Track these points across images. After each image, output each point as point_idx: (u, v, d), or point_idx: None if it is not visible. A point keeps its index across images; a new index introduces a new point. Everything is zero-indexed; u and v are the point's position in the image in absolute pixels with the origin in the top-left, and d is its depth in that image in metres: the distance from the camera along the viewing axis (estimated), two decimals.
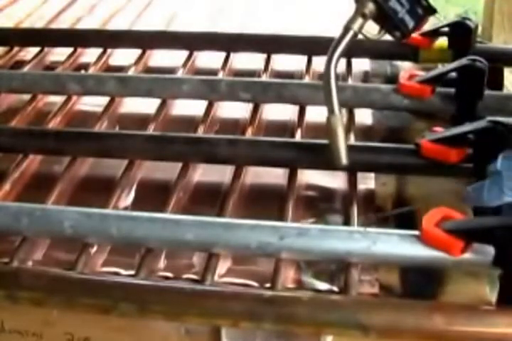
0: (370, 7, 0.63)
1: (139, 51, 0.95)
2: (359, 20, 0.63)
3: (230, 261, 0.63)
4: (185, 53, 0.94)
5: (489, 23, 1.61)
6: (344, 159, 0.63)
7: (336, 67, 0.63)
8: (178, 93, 0.83)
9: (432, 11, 0.65)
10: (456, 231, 0.54)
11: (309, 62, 0.91)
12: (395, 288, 0.60)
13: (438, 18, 0.69)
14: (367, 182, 0.72)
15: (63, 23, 1.10)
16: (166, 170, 0.73)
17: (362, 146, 0.71)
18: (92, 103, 0.87)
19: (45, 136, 0.74)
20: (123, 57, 0.96)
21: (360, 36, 0.64)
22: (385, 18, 0.64)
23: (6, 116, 0.83)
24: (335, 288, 0.59)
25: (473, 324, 0.52)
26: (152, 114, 0.81)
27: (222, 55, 0.94)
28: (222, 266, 0.62)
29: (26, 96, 0.87)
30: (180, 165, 0.72)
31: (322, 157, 0.69)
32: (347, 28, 0.63)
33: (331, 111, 0.63)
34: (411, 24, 0.64)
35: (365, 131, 0.81)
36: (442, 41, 0.85)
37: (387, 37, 0.66)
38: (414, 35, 0.85)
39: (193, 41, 0.95)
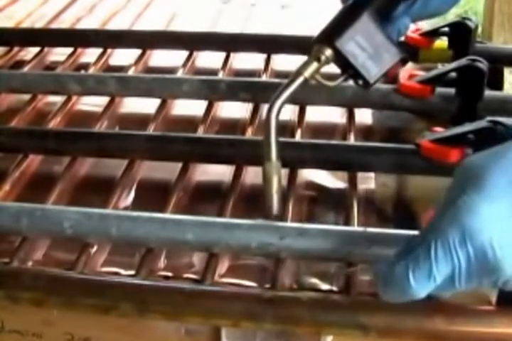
0: (326, 51, 0.58)
1: (139, 51, 0.95)
2: (312, 66, 0.58)
3: (230, 261, 0.63)
4: (185, 53, 0.94)
5: (489, 23, 1.61)
6: (275, 210, 0.58)
7: (279, 111, 0.58)
8: (178, 93, 0.83)
9: (401, 55, 0.59)
10: None
11: None
12: None
13: (438, 18, 0.68)
14: (367, 182, 0.72)
15: (63, 23, 1.10)
16: (166, 170, 0.73)
17: (362, 146, 0.71)
18: (92, 103, 0.87)
19: (45, 136, 0.74)
20: (123, 57, 0.96)
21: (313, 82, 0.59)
22: (344, 63, 0.58)
23: (6, 116, 0.83)
24: (335, 288, 0.59)
25: (473, 324, 0.52)
26: (152, 114, 0.81)
27: (222, 55, 0.94)
28: (222, 265, 0.62)
29: (26, 96, 0.87)
30: (180, 165, 0.72)
31: (322, 157, 0.69)
32: (297, 73, 0.58)
33: (267, 158, 0.58)
34: (374, 71, 0.58)
35: (365, 131, 0.81)
36: (442, 41, 0.85)
37: None
38: (414, 35, 0.85)
39: (193, 41, 0.95)
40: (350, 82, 0.64)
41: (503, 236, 0.40)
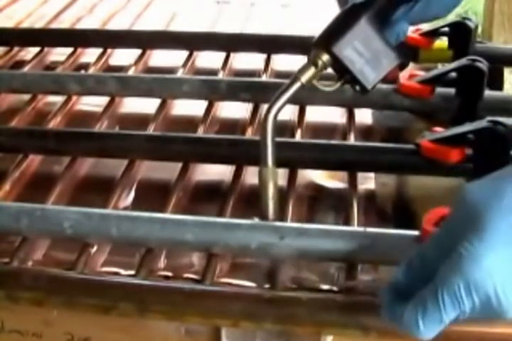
0: (324, 57, 0.58)
1: (139, 51, 0.95)
2: (310, 71, 0.58)
3: (230, 261, 0.63)
4: (185, 53, 0.94)
5: (489, 23, 1.61)
6: (271, 215, 0.59)
7: (275, 118, 0.58)
8: (178, 93, 0.83)
9: (399, 60, 0.59)
10: None
11: None
12: None
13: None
14: (367, 182, 0.72)
15: (63, 23, 1.10)
16: (166, 170, 0.73)
17: (362, 146, 0.71)
18: (92, 103, 0.87)
19: (45, 136, 0.74)
20: (123, 57, 0.96)
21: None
22: (341, 68, 0.58)
23: (6, 116, 0.83)
24: (335, 288, 0.59)
25: (473, 324, 0.52)
26: (152, 114, 0.81)
27: (222, 55, 0.94)
28: (222, 266, 0.62)
29: (26, 96, 0.87)
30: (180, 165, 0.72)
31: (322, 157, 0.69)
32: (295, 78, 0.58)
33: (264, 163, 0.59)
34: (371, 76, 0.58)
35: (365, 131, 0.81)
36: (442, 41, 0.85)
37: None
38: (414, 35, 0.85)
39: (193, 41, 0.95)
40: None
41: (506, 282, 0.41)
